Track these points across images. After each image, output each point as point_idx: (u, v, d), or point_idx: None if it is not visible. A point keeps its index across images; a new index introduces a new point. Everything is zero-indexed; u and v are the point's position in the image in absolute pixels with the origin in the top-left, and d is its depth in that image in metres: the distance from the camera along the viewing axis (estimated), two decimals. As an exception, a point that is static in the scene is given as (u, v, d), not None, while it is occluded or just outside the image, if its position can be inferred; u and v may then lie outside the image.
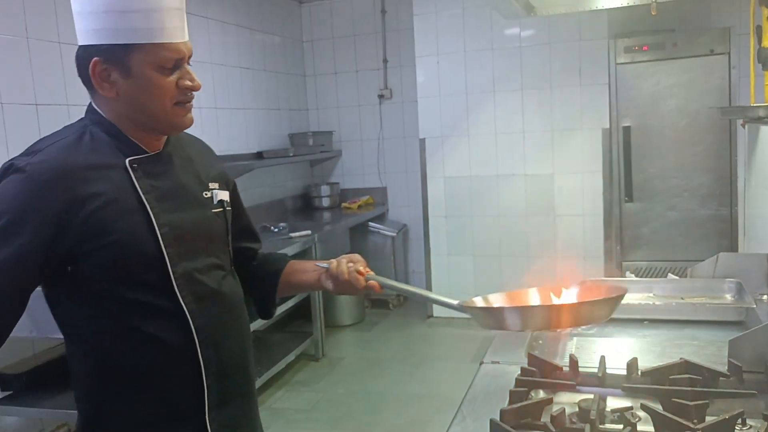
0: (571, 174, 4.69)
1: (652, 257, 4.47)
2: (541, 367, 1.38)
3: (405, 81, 5.56)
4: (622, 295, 1.18)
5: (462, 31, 4.80)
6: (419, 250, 5.47)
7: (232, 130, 4.81)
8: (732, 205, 4.27)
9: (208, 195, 1.34)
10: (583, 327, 1.67)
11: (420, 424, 3.52)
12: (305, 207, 5.78)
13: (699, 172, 4.33)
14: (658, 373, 1.33)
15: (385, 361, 4.49)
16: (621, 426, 1.17)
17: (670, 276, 2.21)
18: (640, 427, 1.16)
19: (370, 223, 5.46)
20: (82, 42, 1.21)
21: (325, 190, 5.70)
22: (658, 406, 1.19)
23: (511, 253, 4.93)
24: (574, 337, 1.67)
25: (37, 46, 3.13)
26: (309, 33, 5.88)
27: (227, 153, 4.65)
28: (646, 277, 4.24)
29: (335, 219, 5.22)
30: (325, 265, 1.42)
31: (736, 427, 1.13)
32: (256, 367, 3.80)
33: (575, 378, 1.36)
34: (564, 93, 4.64)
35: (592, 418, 1.15)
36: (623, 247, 4.54)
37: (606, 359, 1.40)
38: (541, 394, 1.32)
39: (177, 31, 1.20)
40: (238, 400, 1.35)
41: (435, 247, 5.14)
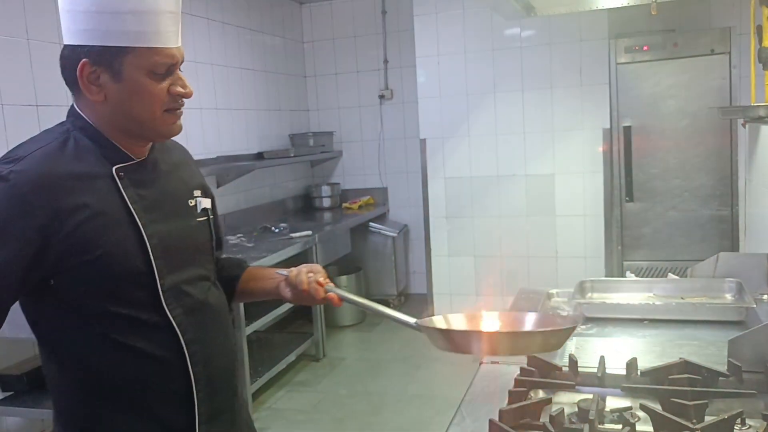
0: (571, 174, 4.69)
1: (653, 257, 4.47)
2: (540, 367, 1.38)
3: (405, 81, 5.58)
4: (574, 327, 1.17)
5: (462, 31, 4.80)
6: (420, 250, 5.45)
7: (233, 130, 4.82)
8: (733, 205, 4.26)
9: (192, 203, 1.31)
10: (576, 331, 1.66)
11: (420, 424, 3.52)
12: (306, 207, 5.78)
13: (700, 172, 4.32)
14: (657, 373, 1.33)
15: (385, 361, 4.49)
16: (620, 426, 1.17)
17: (671, 276, 2.21)
18: (639, 427, 1.16)
19: (371, 224, 5.45)
20: (69, 41, 1.16)
21: (325, 190, 5.71)
22: (657, 406, 1.19)
23: (511, 254, 4.93)
24: (574, 337, 1.66)
25: (37, 47, 3.13)
26: (309, 34, 5.89)
27: (228, 153, 4.66)
28: (647, 277, 4.24)
29: (336, 219, 5.21)
30: (285, 273, 1.36)
31: (736, 427, 1.13)
32: (257, 367, 3.87)
33: (574, 378, 1.36)
34: (564, 93, 4.63)
35: (591, 418, 1.15)
36: (624, 247, 4.53)
37: (605, 359, 1.40)
38: (541, 394, 1.32)
39: (171, 35, 1.15)
40: (227, 414, 1.32)
41: (436, 247, 5.13)
